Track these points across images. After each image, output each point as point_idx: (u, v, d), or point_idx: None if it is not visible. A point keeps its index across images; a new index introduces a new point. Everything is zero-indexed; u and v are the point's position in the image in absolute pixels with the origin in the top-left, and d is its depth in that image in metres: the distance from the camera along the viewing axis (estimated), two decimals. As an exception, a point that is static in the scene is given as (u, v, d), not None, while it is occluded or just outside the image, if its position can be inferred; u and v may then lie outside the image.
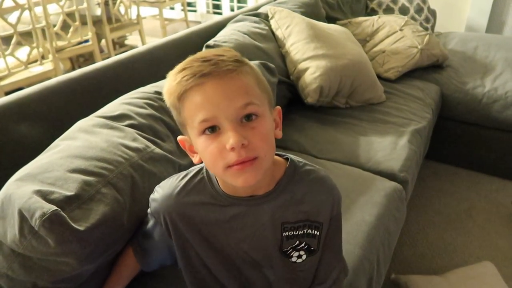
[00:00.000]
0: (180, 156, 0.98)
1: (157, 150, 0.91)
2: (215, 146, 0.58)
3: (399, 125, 1.58)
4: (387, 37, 2.07)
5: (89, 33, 2.81)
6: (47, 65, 2.47)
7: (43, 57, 2.46)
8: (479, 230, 1.71)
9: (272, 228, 0.70)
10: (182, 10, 4.38)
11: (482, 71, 2.04)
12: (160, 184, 0.76)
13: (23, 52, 2.39)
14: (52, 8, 2.59)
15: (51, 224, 0.64)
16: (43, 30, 2.43)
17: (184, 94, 0.59)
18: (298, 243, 0.72)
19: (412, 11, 2.45)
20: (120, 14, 3.25)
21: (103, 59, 1.27)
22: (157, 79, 1.16)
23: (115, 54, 2.09)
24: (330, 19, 2.15)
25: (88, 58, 3.28)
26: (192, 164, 0.72)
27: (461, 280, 1.35)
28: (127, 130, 0.91)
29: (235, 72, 0.59)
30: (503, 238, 1.67)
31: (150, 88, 1.09)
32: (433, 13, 2.55)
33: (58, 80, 1.08)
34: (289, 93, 1.67)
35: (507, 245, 1.63)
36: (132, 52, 1.30)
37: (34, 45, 2.35)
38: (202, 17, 5.04)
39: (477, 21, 3.03)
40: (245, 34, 1.57)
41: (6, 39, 2.21)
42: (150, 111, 1.01)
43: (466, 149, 2.05)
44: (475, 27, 3.05)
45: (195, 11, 5.12)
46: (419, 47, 1.99)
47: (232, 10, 4.82)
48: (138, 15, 3.38)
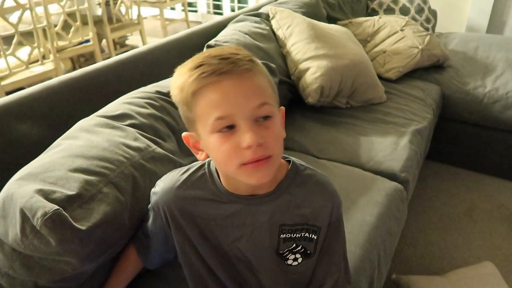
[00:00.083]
0: (181, 156, 0.99)
1: (158, 150, 0.91)
2: (230, 144, 0.58)
3: (400, 125, 1.58)
4: (388, 37, 2.07)
5: (90, 33, 2.81)
6: (48, 65, 2.47)
7: (44, 57, 2.46)
8: (480, 231, 1.71)
9: (270, 229, 0.71)
10: (183, 10, 4.38)
11: (483, 72, 2.04)
12: (162, 178, 0.76)
13: (24, 52, 2.39)
14: (53, 8, 2.60)
15: (53, 224, 0.64)
16: (44, 30, 2.43)
17: (200, 91, 0.59)
18: (295, 246, 0.72)
19: (413, 12, 2.45)
20: (121, 14, 3.25)
21: (104, 59, 1.27)
22: (158, 79, 1.16)
23: (116, 54, 2.09)
24: (331, 19, 2.15)
25: (89, 58, 3.28)
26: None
27: (462, 281, 1.35)
28: (129, 130, 0.91)
29: (251, 72, 0.60)
30: (504, 239, 1.67)
31: (151, 88, 1.10)
32: (434, 14, 2.55)
33: (59, 80, 1.08)
34: (290, 93, 1.68)
35: (508, 246, 1.63)
36: (133, 52, 1.30)
37: (35, 45, 2.35)
38: (203, 17, 5.04)
39: (478, 22, 3.02)
40: (246, 34, 1.57)
41: (7, 39, 2.21)
42: (151, 111, 1.01)
43: (467, 150, 2.05)
44: (476, 28, 3.05)
45: (196, 11, 5.12)
46: (420, 48, 1.99)
47: (233, 10, 4.81)
48: (139, 15, 3.38)
